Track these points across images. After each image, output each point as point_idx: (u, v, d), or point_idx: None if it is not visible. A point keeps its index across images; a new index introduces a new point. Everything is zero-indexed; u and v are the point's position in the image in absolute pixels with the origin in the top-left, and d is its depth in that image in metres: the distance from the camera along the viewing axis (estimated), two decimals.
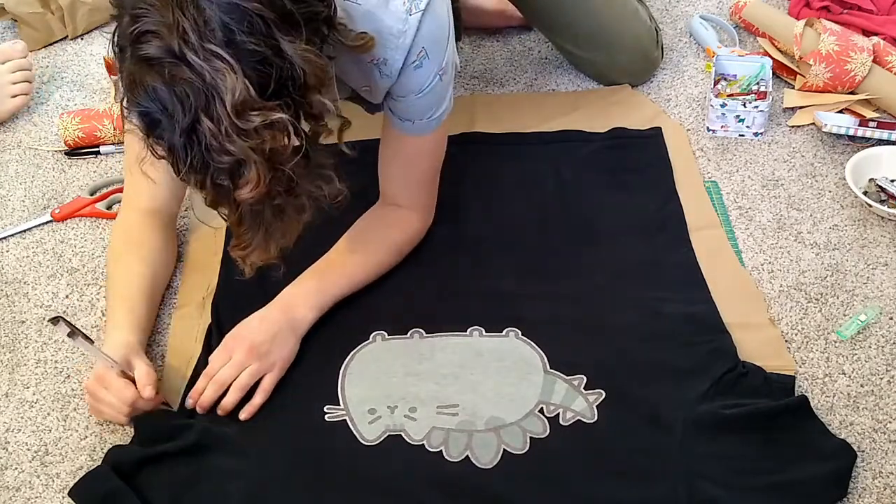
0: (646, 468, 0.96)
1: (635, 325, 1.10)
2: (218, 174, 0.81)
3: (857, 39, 1.40)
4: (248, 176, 0.81)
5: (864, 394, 1.04)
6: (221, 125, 0.78)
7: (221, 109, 0.78)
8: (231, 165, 0.80)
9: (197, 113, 0.78)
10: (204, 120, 0.78)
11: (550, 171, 1.33)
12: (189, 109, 0.78)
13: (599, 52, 1.45)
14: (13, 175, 1.42)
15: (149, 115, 0.81)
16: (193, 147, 0.80)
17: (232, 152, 0.79)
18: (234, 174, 0.81)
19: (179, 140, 0.80)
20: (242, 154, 0.80)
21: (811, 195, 1.29)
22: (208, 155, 0.80)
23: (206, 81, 0.77)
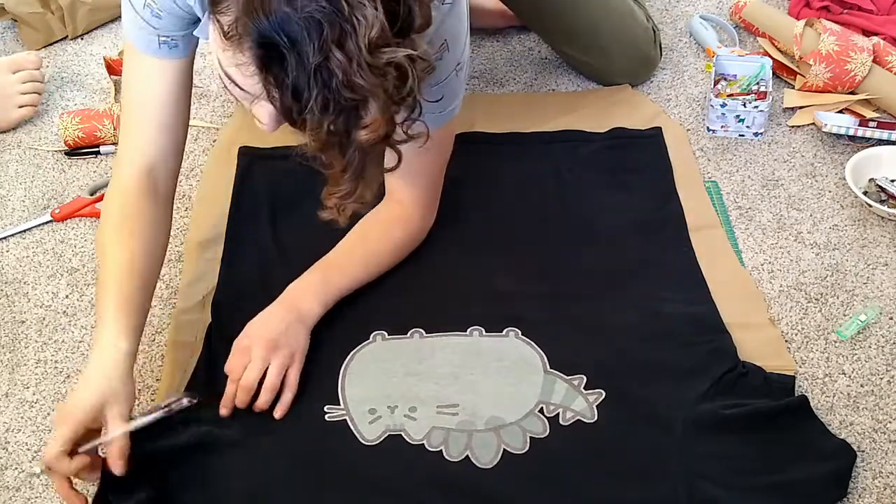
0: (646, 468, 0.96)
1: (635, 325, 1.10)
2: (339, 115, 0.76)
3: (857, 39, 1.40)
4: (370, 116, 0.77)
5: (864, 394, 1.04)
6: (353, 61, 0.73)
7: (356, 43, 0.73)
8: (356, 104, 0.76)
9: (329, 46, 0.73)
10: (337, 55, 0.73)
11: (550, 171, 1.33)
12: (323, 42, 0.73)
13: (596, 55, 1.45)
14: (13, 175, 1.42)
15: (272, 47, 0.74)
16: (319, 85, 0.74)
17: (361, 89, 0.74)
18: (356, 115, 0.77)
19: (305, 77, 0.73)
20: (370, 91, 0.75)
21: (811, 195, 1.29)
22: (334, 93, 0.74)
23: (346, 14, 0.72)
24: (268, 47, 0.74)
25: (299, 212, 1.27)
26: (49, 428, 1.06)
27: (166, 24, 0.99)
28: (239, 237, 1.25)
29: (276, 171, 1.34)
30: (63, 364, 1.13)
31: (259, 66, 0.76)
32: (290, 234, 1.25)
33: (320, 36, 0.72)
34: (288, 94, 0.75)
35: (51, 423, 1.05)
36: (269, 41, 0.74)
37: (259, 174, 1.34)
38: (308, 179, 1.28)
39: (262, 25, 0.73)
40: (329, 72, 0.73)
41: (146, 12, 0.99)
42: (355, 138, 0.78)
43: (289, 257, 1.21)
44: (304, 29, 0.72)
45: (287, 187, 1.31)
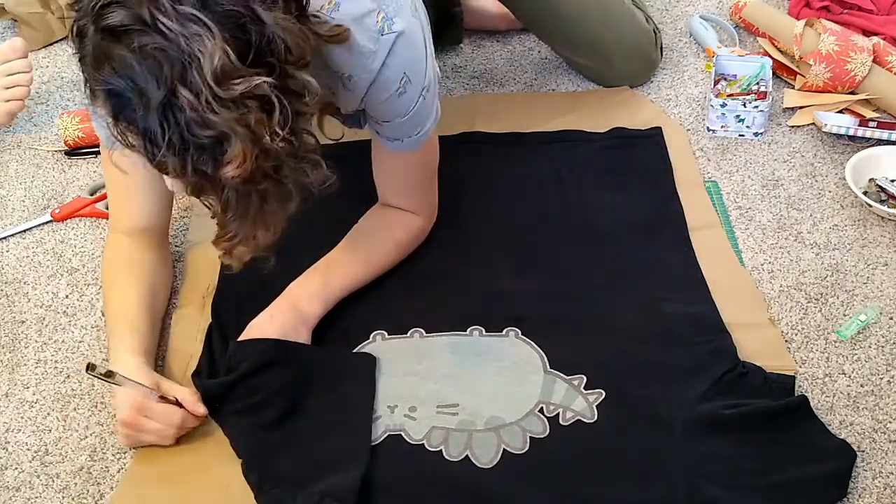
0: (645, 468, 0.96)
1: (635, 325, 1.10)
2: (199, 154, 0.74)
3: (857, 39, 1.40)
4: (232, 152, 0.74)
5: (864, 394, 1.04)
6: (201, 95, 0.72)
7: (201, 78, 0.71)
8: (213, 141, 0.74)
9: (173, 84, 0.71)
10: (181, 91, 0.71)
11: (550, 171, 1.33)
12: (164, 82, 0.71)
13: (597, 59, 1.45)
14: (13, 175, 1.42)
15: (117, 94, 0.73)
16: (170, 125, 0.73)
17: (214, 125, 0.73)
18: (217, 151, 0.75)
19: (154, 119, 0.72)
20: (226, 126, 0.73)
21: (811, 195, 1.29)
22: (188, 131, 0.73)
23: (182, 48, 0.71)
24: (115, 95, 0.74)
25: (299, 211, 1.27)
26: (49, 428, 1.06)
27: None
28: None
29: None
30: (63, 364, 1.13)
31: (112, 114, 0.75)
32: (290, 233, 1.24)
33: (161, 72, 0.71)
34: (140, 136, 0.74)
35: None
36: (114, 89, 0.73)
37: None
38: None
39: (105, 76, 0.73)
40: (178, 109, 0.72)
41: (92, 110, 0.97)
42: (221, 176, 0.77)
43: (289, 257, 1.21)
44: (144, 70, 0.71)
45: None
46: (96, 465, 1.02)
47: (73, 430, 1.06)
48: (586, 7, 1.38)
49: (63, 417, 1.07)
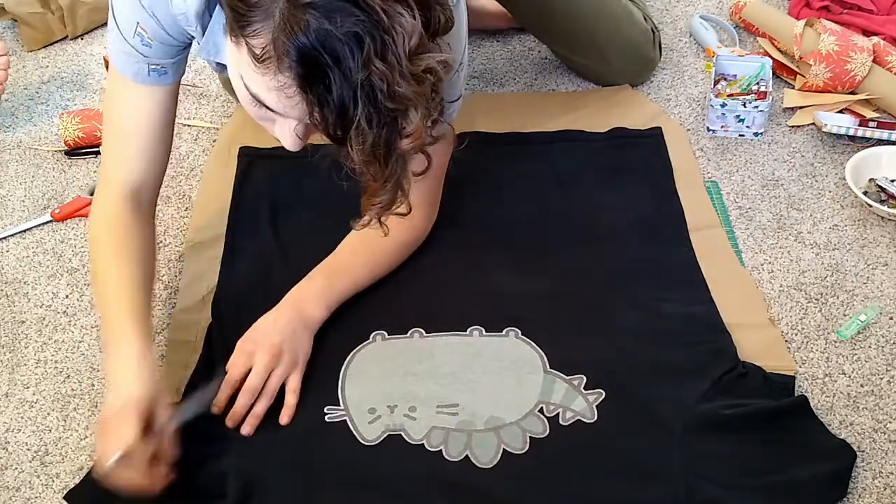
0: (645, 468, 0.96)
1: (635, 325, 1.10)
2: (383, 127, 0.75)
3: (857, 39, 1.40)
4: (412, 125, 0.76)
5: (864, 394, 1.04)
6: (395, 70, 0.72)
7: (397, 53, 0.72)
8: (399, 114, 0.75)
9: (371, 60, 0.72)
10: (378, 66, 0.72)
11: (550, 171, 1.33)
12: (366, 56, 0.71)
13: (595, 58, 1.45)
14: (13, 175, 1.42)
15: (313, 65, 0.72)
16: (363, 100, 0.73)
17: (403, 99, 0.74)
18: (398, 125, 0.76)
19: (349, 92, 0.72)
20: (413, 101, 0.75)
21: (811, 195, 1.29)
22: (379, 106, 0.74)
23: (384, 24, 0.72)
24: (309, 66, 0.73)
25: (299, 211, 1.27)
26: (49, 428, 1.06)
27: (156, 52, 0.99)
28: (239, 237, 1.25)
29: (276, 171, 1.34)
30: (63, 364, 1.13)
31: (301, 85, 0.74)
32: (290, 233, 1.25)
33: (362, 50, 0.71)
34: (333, 112, 0.74)
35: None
36: (310, 59, 0.72)
37: (259, 174, 1.34)
38: (308, 179, 1.30)
39: (301, 43, 0.72)
40: (372, 85, 0.73)
41: (136, 41, 0.98)
42: (398, 148, 0.78)
43: (289, 257, 1.22)
44: (345, 44, 0.71)
45: (287, 187, 1.32)
46: None
47: (73, 430, 1.06)
48: (581, 5, 1.38)
49: (63, 417, 1.07)
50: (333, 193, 1.34)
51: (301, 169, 1.34)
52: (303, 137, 0.85)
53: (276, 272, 1.19)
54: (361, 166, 0.78)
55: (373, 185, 0.82)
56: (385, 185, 0.81)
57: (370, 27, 0.72)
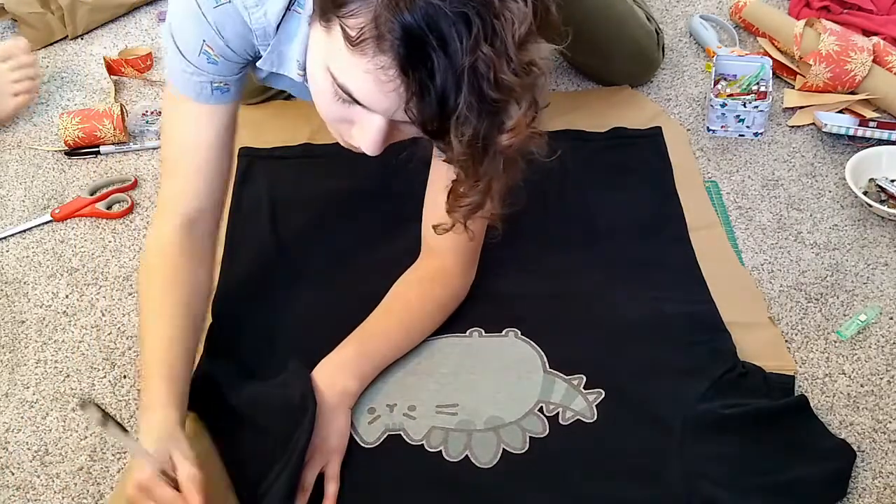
0: (645, 468, 0.96)
1: (635, 325, 1.10)
2: (484, 119, 0.70)
3: (857, 39, 1.40)
4: (514, 119, 0.71)
5: (864, 394, 1.04)
6: (502, 58, 0.68)
7: (506, 40, 0.68)
8: (500, 107, 0.70)
9: (479, 44, 0.67)
10: (486, 51, 0.67)
11: (550, 171, 1.32)
12: (473, 40, 0.67)
13: (599, 59, 1.45)
14: (13, 175, 1.42)
15: (418, 46, 0.67)
16: (467, 86, 0.68)
17: (508, 90, 0.69)
18: (499, 118, 0.71)
19: (452, 77, 0.67)
20: (517, 92, 0.70)
21: (811, 195, 1.29)
22: (483, 96, 0.68)
23: (496, 8, 0.67)
24: (414, 46, 0.68)
25: (299, 212, 1.27)
26: (49, 428, 1.06)
27: (221, 70, 0.96)
28: (239, 237, 1.25)
29: (276, 171, 1.34)
30: (63, 364, 1.13)
31: (402, 67, 0.69)
32: (290, 233, 1.25)
33: (470, 32, 0.67)
34: (433, 98, 0.69)
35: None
36: (416, 38, 0.67)
37: (259, 174, 1.34)
38: (308, 180, 1.30)
39: (406, 21, 0.67)
40: (477, 72, 0.68)
41: (201, 59, 0.94)
42: (497, 144, 0.72)
43: (289, 257, 1.21)
44: (452, 25, 0.67)
45: (287, 187, 1.32)
46: (96, 465, 1.02)
47: (73, 430, 1.06)
48: (587, 6, 1.38)
49: (63, 417, 1.07)
50: (333, 193, 1.34)
51: (301, 169, 1.34)
52: (385, 137, 0.79)
53: (275, 272, 1.19)
54: (456, 161, 0.73)
55: (463, 185, 0.77)
56: (477, 184, 0.76)
57: (480, 9, 0.67)
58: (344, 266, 1.19)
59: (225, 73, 0.96)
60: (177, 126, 1.02)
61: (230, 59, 0.95)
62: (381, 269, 1.13)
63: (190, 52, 0.94)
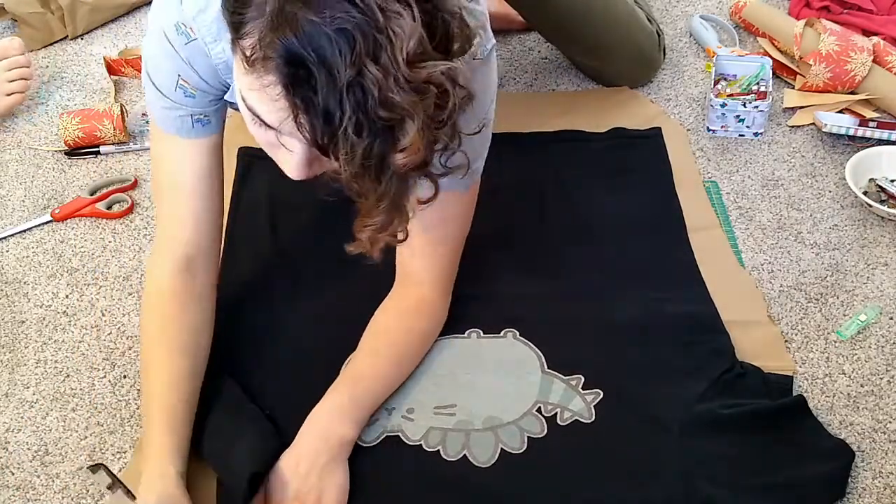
0: (643, 468, 0.96)
1: (634, 325, 1.10)
2: (374, 138, 0.69)
3: (857, 39, 1.40)
4: (408, 138, 0.69)
5: (864, 394, 1.04)
6: (390, 76, 0.67)
7: (393, 57, 0.67)
8: (392, 124, 0.69)
9: (363, 61, 0.66)
10: (370, 69, 0.66)
11: (550, 171, 1.33)
12: (354, 58, 0.66)
13: (601, 61, 1.45)
14: (13, 175, 1.42)
15: (298, 65, 0.67)
16: (352, 104, 0.67)
17: (398, 108, 0.68)
18: (392, 137, 0.70)
19: (335, 96, 0.67)
20: (408, 111, 0.68)
21: (811, 195, 1.29)
22: (369, 113, 0.67)
23: (380, 24, 0.66)
24: (295, 64, 0.68)
25: (298, 212, 1.27)
26: (49, 428, 1.06)
27: (199, 102, 0.98)
28: (238, 237, 1.25)
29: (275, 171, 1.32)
30: (63, 364, 1.13)
31: (285, 84, 0.69)
32: (290, 233, 1.25)
33: (352, 49, 0.66)
34: (318, 115, 0.68)
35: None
36: (296, 57, 0.67)
37: (258, 174, 1.34)
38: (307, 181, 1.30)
39: (287, 41, 0.67)
40: (363, 89, 0.67)
41: (178, 94, 0.96)
42: (391, 163, 0.71)
43: (288, 257, 1.22)
44: (333, 42, 0.66)
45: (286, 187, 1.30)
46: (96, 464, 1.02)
47: (72, 430, 1.06)
48: (588, 8, 1.37)
49: (63, 417, 1.07)
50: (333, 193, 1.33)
51: None
52: (307, 163, 0.78)
53: (274, 271, 1.19)
54: (351, 180, 0.72)
55: (366, 204, 0.76)
56: (379, 204, 0.75)
57: (363, 25, 0.66)
58: (343, 266, 1.18)
59: (203, 104, 0.98)
60: (165, 163, 1.03)
61: (206, 90, 0.97)
62: (379, 269, 1.13)
63: (167, 87, 0.96)
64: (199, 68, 0.95)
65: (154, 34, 0.95)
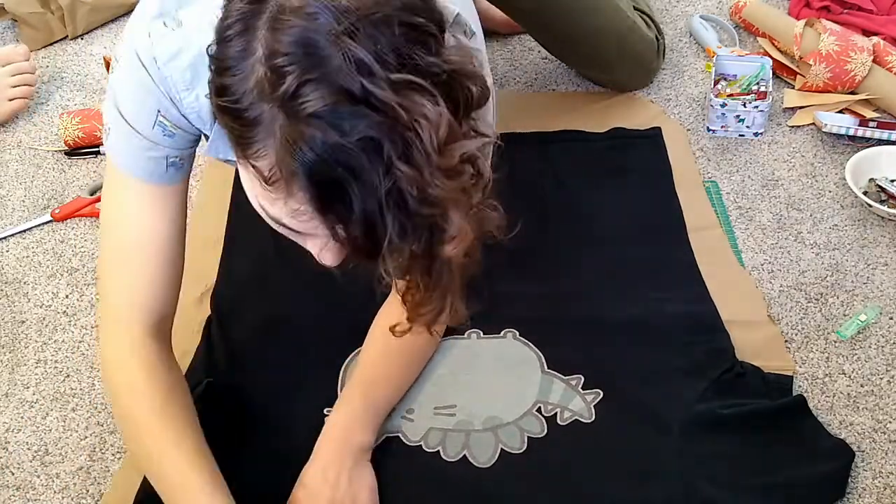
0: (643, 468, 0.96)
1: (633, 325, 1.10)
2: (421, 234, 0.64)
3: (857, 39, 1.40)
4: (454, 226, 0.64)
5: (864, 394, 1.04)
6: (424, 171, 0.61)
7: (424, 151, 0.61)
8: (438, 218, 0.64)
9: (394, 165, 0.61)
10: (403, 170, 0.61)
11: (550, 171, 1.33)
12: (387, 162, 0.60)
13: (598, 71, 1.46)
14: (13, 175, 1.42)
15: (330, 185, 0.61)
16: (392, 210, 0.62)
17: (439, 201, 0.62)
18: (439, 229, 0.65)
19: (374, 207, 0.61)
20: (450, 199, 0.63)
21: (811, 195, 1.29)
22: (412, 214, 0.62)
23: (404, 122, 0.60)
24: (323, 185, 0.62)
25: None
26: (49, 428, 1.06)
27: (178, 142, 0.87)
28: (238, 238, 1.25)
29: None
30: (63, 364, 1.13)
31: (318, 207, 0.63)
32: None
33: (381, 156, 0.60)
34: (359, 229, 0.63)
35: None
36: (323, 177, 0.61)
37: None
38: None
39: (309, 161, 0.61)
40: (401, 192, 0.61)
41: (156, 132, 0.85)
42: (441, 255, 0.67)
43: (287, 257, 1.21)
44: (361, 153, 0.60)
45: None
46: (96, 465, 1.02)
47: (72, 430, 1.06)
48: (588, 23, 1.36)
49: (63, 417, 1.07)
50: None
51: None
52: (339, 253, 0.73)
53: (274, 272, 1.19)
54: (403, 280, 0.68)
55: (419, 295, 0.73)
56: (430, 294, 0.71)
57: (388, 127, 0.60)
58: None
59: (182, 145, 0.87)
60: (126, 214, 0.89)
61: (186, 129, 0.86)
62: None
63: (143, 124, 0.84)
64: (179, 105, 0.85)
65: (128, 64, 0.83)
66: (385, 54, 0.61)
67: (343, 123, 0.60)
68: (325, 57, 0.60)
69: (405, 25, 0.62)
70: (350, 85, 0.60)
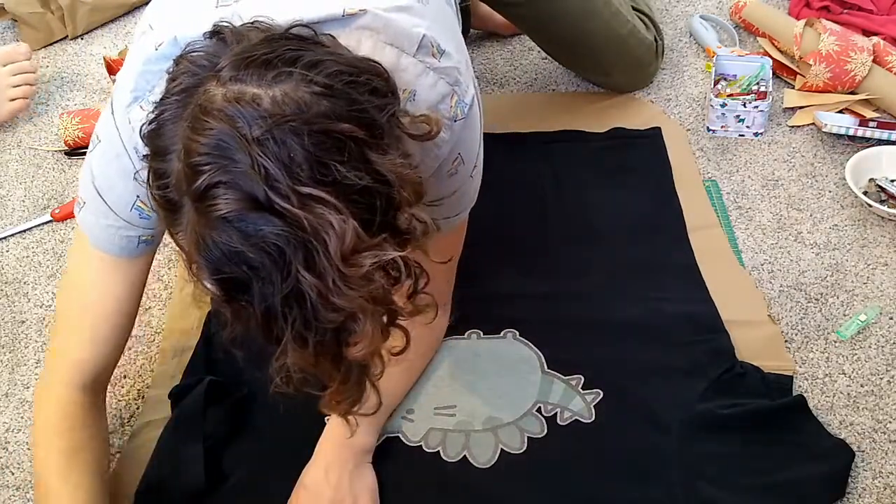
0: (643, 468, 0.96)
1: (633, 325, 1.10)
2: (323, 336, 0.65)
3: (857, 39, 1.40)
4: (360, 332, 0.66)
5: (864, 394, 1.04)
6: (327, 278, 0.62)
7: (327, 261, 0.62)
8: (341, 323, 0.65)
9: (296, 270, 0.62)
10: (306, 277, 0.62)
11: (550, 171, 1.33)
12: (287, 268, 0.62)
13: (597, 73, 1.46)
14: (13, 175, 1.42)
15: (231, 280, 0.64)
16: (292, 309, 0.63)
17: (342, 308, 0.64)
18: (344, 332, 0.66)
19: (275, 303, 0.63)
20: (355, 307, 0.64)
21: (811, 195, 1.29)
22: (313, 315, 0.64)
23: (306, 231, 0.62)
24: (227, 281, 0.64)
25: None
26: None
27: (153, 223, 0.88)
28: None
29: None
30: None
31: (223, 298, 0.66)
32: None
33: (284, 261, 0.62)
34: (258, 328, 0.66)
35: None
36: (227, 275, 0.64)
37: None
38: None
39: (214, 259, 0.64)
40: (302, 295, 0.63)
41: (133, 214, 0.86)
42: (347, 355, 0.68)
43: None
44: (264, 256, 0.62)
45: None
46: None
47: None
48: (588, 29, 1.35)
49: None
50: None
51: None
52: None
53: None
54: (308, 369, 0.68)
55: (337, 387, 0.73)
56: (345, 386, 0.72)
57: (290, 236, 0.62)
58: None
59: (156, 225, 0.88)
60: (89, 281, 0.92)
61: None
62: None
63: (121, 207, 0.86)
64: None
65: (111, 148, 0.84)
66: (296, 164, 0.62)
67: (248, 228, 0.62)
68: (236, 161, 0.62)
69: (323, 134, 0.63)
70: (256, 192, 0.61)
